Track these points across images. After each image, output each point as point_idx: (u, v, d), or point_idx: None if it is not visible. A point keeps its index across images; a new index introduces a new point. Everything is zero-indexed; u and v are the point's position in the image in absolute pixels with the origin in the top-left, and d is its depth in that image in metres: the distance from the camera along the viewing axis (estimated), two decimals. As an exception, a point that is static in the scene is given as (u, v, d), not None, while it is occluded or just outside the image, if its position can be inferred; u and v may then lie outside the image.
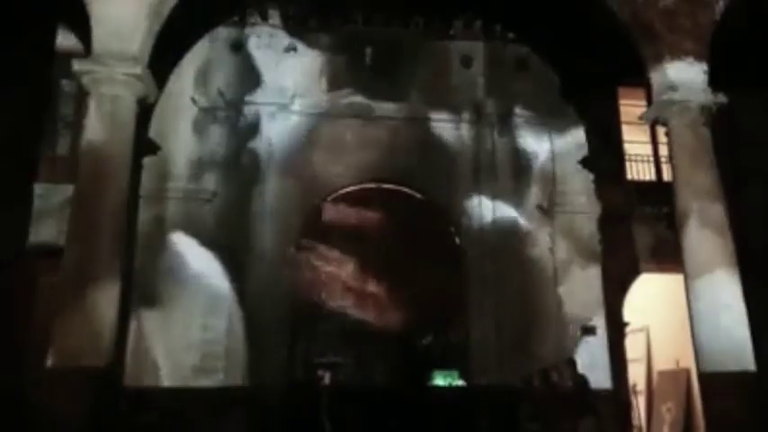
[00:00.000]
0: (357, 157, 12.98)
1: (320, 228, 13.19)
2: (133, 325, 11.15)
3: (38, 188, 10.87)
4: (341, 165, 12.95)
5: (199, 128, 12.64)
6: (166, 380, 11.13)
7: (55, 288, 7.73)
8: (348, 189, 13.08)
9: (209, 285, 11.87)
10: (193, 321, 11.68)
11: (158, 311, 11.51)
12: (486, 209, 12.95)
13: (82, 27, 8.96)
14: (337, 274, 13.39)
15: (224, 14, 12.57)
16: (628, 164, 12.87)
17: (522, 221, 12.87)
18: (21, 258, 10.35)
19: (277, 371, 11.61)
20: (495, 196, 12.99)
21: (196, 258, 11.95)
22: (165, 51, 9.53)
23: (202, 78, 12.83)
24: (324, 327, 13.17)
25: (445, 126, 13.22)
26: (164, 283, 11.70)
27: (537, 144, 13.29)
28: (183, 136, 12.50)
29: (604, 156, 12.91)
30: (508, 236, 12.74)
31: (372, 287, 13.29)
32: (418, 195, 13.23)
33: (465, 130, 13.23)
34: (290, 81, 13.07)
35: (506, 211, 12.89)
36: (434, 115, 13.24)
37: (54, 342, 7.42)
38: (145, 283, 11.48)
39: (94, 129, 8.20)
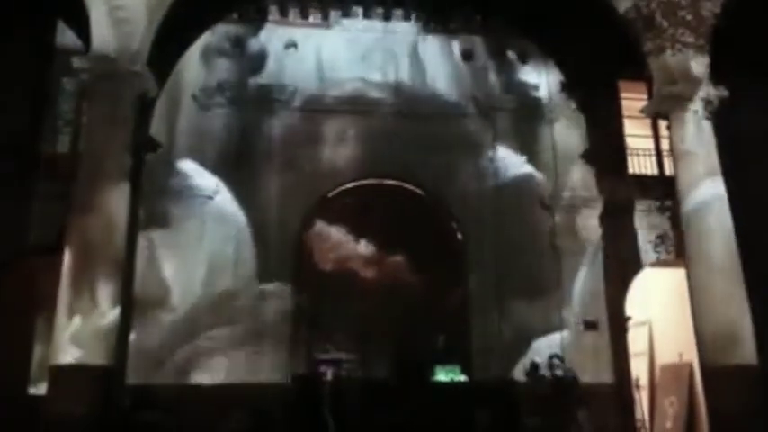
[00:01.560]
0: (358, 152, 12.98)
1: (321, 225, 13.17)
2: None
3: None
4: (341, 161, 12.95)
5: (200, 123, 12.63)
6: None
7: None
8: (349, 185, 13.08)
9: (213, 280, 11.94)
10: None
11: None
12: (488, 204, 12.94)
13: (82, 24, 8.95)
14: (340, 271, 13.39)
15: (223, 11, 12.52)
16: (629, 158, 12.81)
17: (524, 216, 12.85)
18: (21, 256, 10.35)
19: (279, 367, 11.68)
20: (496, 191, 12.98)
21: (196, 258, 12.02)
22: (166, 48, 9.52)
23: (203, 75, 12.81)
24: (326, 323, 13.17)
25: (446, 120, 13.18)
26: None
27: (538, 138, 13.28)
28: (184, 132, 12.48)
29: (606, 150, 12.86)
30: (510, 231, 12.73)
31: (374, 283, 13.28)
32: (419, 191, 13.23)
33: (466, 125, 13.20)
34: (291, 77, 13.06)
35: (508, 205, 12.88)
36: (435, 109, 13.19)
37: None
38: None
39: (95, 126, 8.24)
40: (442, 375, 10.12)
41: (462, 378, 10.30)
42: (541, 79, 13.55)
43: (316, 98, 13.10)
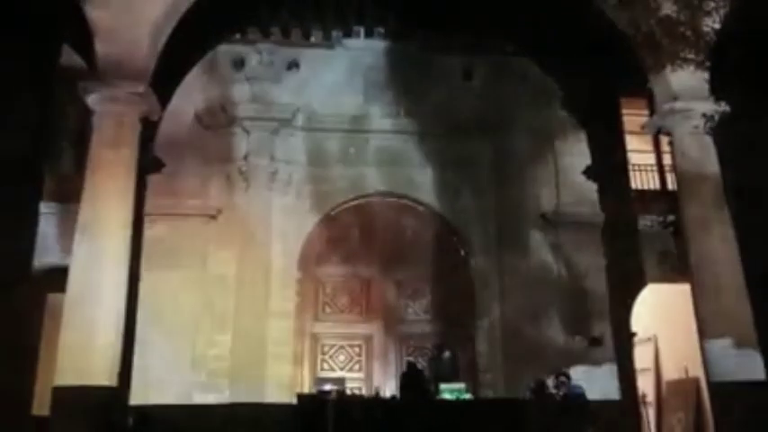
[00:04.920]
0: (360, 170, 13.03)
1: (324, 244, 13.18)
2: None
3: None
4: (344, 179, 12.99)
5: (202, 144, 12.68)
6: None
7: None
8: (352, 203, 13.11)
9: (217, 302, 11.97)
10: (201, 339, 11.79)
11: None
12: (491, 220, 12.94)
13: (86, 46, 9.05)
14: (341, 291, 13.37)
15: (226, 32, 12.65)
16: (632, 173, 12.83)
17: (527, 232, 12.83)
18: (27, 276, 10.37)
19: (283, 386, 11.64)
20: (498, 207, 12.97)
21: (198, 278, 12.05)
22: (168, 69, 9.61)
23: (205, 96, 12.89)
24: (329, 342, 13.13)
25: (448, 138, 13.22)
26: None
27: (539, 155, 13.28)
28: (186, 152, 12.52)
29: (608, 166, 12.89)
30: (512, 247, 12.71)
31: (377, 301, 13.25)
32: (421, 208, 13.25)
33: (468, 142, 13.22)
34: (293, 97, 13.13)
35: (510, 221, 12.87)
36: (436, 128, 13.24)
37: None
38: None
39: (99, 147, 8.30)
40: (448, 394, 10.04)
41: (468, 396, 10.22)
42: (543, 96, 13.55)
43: (318, 117, 13.15)
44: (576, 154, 13.25)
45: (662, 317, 12.81)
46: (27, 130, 10.56)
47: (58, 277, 8.51)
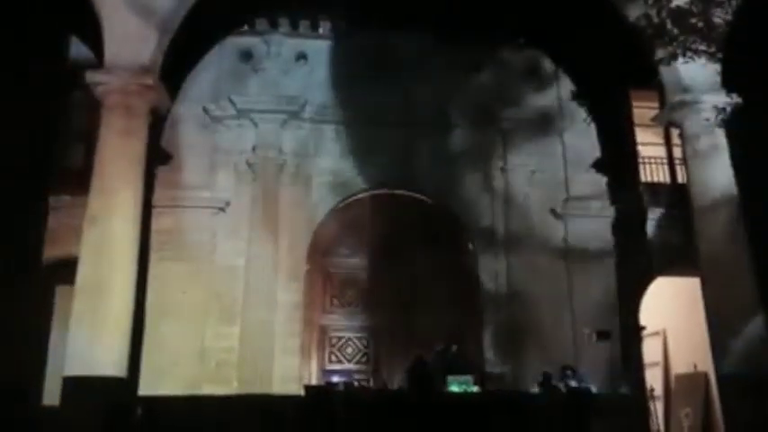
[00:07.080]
0: (368, 164, 12.99)
1: (331, 236, 13.19)
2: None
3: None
4: (352, 172, 12.96)
5: (210, 136, 12.69)
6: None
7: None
8: (360, 195, 13.09)
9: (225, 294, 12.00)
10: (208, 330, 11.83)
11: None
12: (499, 214, 12.89)
13: (94, 39, 9.07)
14: (349, 283, 13.39)
15: (234, 24, 12.64)
16: (641, 166, 12.75)
17: (535, 226, 12.78)
18: (38, 268, 10.44)
19: (291, 378, 11.68)
20: (507, 201, 12.92)
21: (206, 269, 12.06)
22: (177, 62, 9.64)
23: (214, 87, 12.88)
24: (337, 334, 13.18)
25: (457, 132, 13.17)
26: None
27: (549, 148, 13.20)
28: (194, 144, 12.54)
29: (617, 159, 12.82)
30: (521, 240, 12.67)
31: (385, 294, 13.26)
32: (429, 201, 13.21)
33: (476, 135, 13.15)
34: (300, 89, 13.09)
35: (519, 215, 12.81)
36: (444, 121, 13.18)
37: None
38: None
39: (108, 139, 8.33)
40: (455, 387, 10.03)
41: (475, 389, 10.22)
42: (552, 89, 13.47)
43: (325, 109, 13.11)
44: (586, 146, 13.18)
45: (671, 310, 12.76)
46: (36, 125, 10.60)
47: (66, 269, 8.56)
